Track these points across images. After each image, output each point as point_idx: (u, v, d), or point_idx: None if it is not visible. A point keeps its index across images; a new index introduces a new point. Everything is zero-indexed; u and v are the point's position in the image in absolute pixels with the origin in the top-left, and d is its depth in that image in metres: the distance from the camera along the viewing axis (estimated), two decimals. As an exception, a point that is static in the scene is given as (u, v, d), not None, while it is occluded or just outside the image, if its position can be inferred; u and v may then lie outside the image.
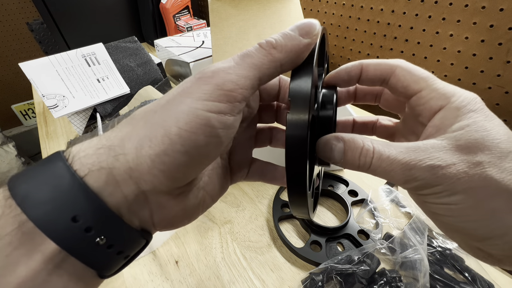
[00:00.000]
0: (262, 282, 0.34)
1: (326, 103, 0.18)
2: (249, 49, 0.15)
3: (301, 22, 0.15)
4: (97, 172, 0.13)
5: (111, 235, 0.13)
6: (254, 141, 0.22)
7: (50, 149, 0.61)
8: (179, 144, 0.13)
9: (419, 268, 0.31)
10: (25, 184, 0.12)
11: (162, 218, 0.15)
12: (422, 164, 0.14)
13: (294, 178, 0.15)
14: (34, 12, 1.43)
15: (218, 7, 0.59)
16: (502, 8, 0.44)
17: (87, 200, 0.12)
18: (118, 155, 0.13)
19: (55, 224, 0.12)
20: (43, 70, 0.54)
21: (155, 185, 0.13)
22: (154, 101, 0.15)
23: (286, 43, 0.15)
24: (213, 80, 0.13)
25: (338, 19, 0.69)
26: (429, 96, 0.16)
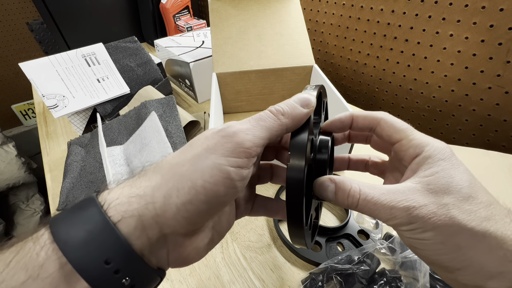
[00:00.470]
0: (262, 282, 0.34)
1: (322, 147, 0.22)
2: (262, 114, 0.18)
3: (302, 96, 0.19)
4: (128, 218, 0.14)
5: (134, 276, 0.15)
6: (256, 178, 0.24)
7: (50, 149, 0.61)
8: (202, 195, 0.15)
9: (419, 268, 0.31)
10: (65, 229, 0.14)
11: (177, 257, 0.17)
12: (400, 205, 0.16)
13: (293, 214, 0.17)
14: (34, 12, 1.43)
15: (218, 7, 0.59)
16: (502, 8, 0.44)
17: (118, 245, 0.14)
18: (148, 204, 0.15)
19: (90, 266, 0.14)
20: (43, 70, 0.54)
21: (176, 229, 0.15)
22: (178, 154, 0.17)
23: (292, 112, 0.18)
24: (234, 139, 0.16)
25: (338, 19, 0.69)
26: (407, 145, 0.19)
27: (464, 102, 0.54)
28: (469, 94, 0.52)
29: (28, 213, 1.14)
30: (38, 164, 1.21)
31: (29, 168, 1.17)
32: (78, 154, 0.52)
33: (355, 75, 0.73)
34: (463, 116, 0.55)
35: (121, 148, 0.51)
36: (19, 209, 1.14)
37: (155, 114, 0.50)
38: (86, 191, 0.46)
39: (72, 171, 0.49)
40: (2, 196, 1.13)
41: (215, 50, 0.56)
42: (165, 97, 0.55)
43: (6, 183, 1.08)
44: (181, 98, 0.75)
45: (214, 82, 0.53)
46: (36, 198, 1.20)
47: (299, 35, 0.57)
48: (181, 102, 0.74)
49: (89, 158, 0.51)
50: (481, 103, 0.51)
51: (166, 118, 0.51)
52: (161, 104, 0.54)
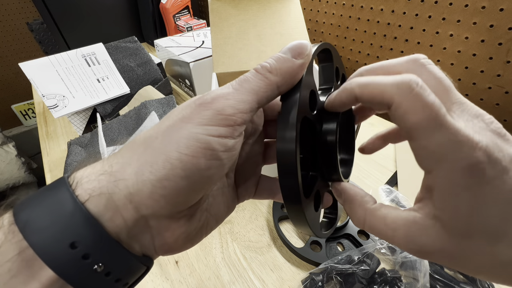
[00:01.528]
0: (262, 282, 0.34)
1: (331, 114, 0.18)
2: (246, 74, 0.15)
3: (292, 44, 0.16)
4: (97, 197, 0.13)
5: (109, 262, 0.13)
6: (262, 158, 0.21)
7: (50, 149, 0.61)
8: (179, 169, 0.13)
9: (419, 268, 0.31)
10: (28, 209, 0.13)
11: (164, 243, 0.15)
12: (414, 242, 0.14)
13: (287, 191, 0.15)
14: (34, 12, 1.43)
15: (218, 7, 0.59)
16: (502, 8, 0.44)
17: (86, 226, 0.12)
18: (118, 181, 0.13)
19: (53, 250, 0.12)
20: (43, 70, 0.54)
21: (155, 209, 0.14)
22: (154, 126, 0.15)
23: (281, 66, 0.15)
24: (213, 105, 0.14)
25: (338, 19, 0.69)
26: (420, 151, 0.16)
27: (464, 102, 0.54)
28: (469, 94, 0.52)
29: (28, 213, 1.14)
30: (38, 164, 1.21)
31: (29, 168, 1.17)
32: (78, 154, 0.52)
33: (355, 75, 0.73)
34: (463, 116, 0.55)
35: (121, 148, 0.51)
36: (19, 209, 1.14)
37: (155, 114, 0.50)
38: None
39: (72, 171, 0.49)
40: (2, 196, 1.13)
41: (215, 50, 0.56)
42: (165, 97, 0.56)
43: (6, 183, 1.08)
44: (181, 98, 0.75)
45: (214, 82, 0.53)
46: (36, 198, 1.20)
47: (299, 35, 0.57)
48: (181, 102, 0.74)
49: (89, 158, 0.51)
50: (481, 103, 0.51)
51: (166, 118, 0.51)
52: (161, 104, 0.54)
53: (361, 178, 0.47)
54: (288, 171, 0.14)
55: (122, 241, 0.14)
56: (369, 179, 0.47)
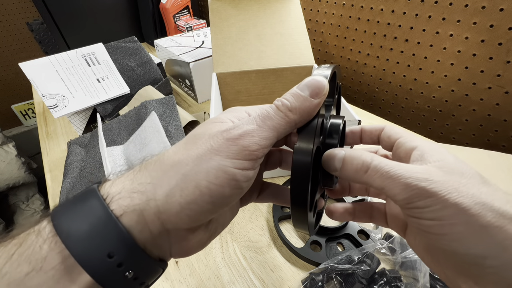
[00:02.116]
0: (262, 282, 0.34)
1: (333, 131, 0.20)
2: (269, 110, 0.17)
3: (310, 81, 0.17)
4: (130, 213, 0.15)
5: (137, 269, 0.15)
6: (264, 164, 0.23)
7: (50, 149, 0.61)
8: (207, 196, 0.15)
9: (419, 268, 0.31)
10: (68, 221, 0.14)
11: (180, 249, 0.17)
12: (418, 176, 0.15)
13: (297, 198, 0.17)
14: (34, 12, 1.43)
15: (218, 7, 0.59)
16: (502, 8, 0.44)
17: (121, 238, 0.14)
18: (149, 200, 0.15)
19: (93, 260, 0.14)
20: (43, 70, 0.54)
21: (179, 225, 0.16)
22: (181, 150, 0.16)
23: (300, 106, 0.17)
24: (240, 142, 0.15)
25: (338, 19, 0.69)
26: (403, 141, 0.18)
27: (464, 102, 0.54)
28: (469, 94, 0.52)
29: (28, 213, 1.14)
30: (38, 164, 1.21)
31: (29, 168, 1.17)
32: (78, 154, 0.52)
33: (355, 75, 0.73)
34: (463, 116, 0.55)
35: (121, 148, 0.51)
36: (19, 209, 1.14)
37: (155, 114, 0.50)
38: (86, 191, 0.46)
39: (72, 171, 0.49)
40: (2, 196, 1.13)
41: (215, 50, 0.56)
42: (165, 97, 0.55)
43: (6, 183, 1.08)
44: (181, 98, 0.75)
45: (214, 82, 0.53)
46: (36, 198, 1.20)
47: (299, 35, 0.57)
48: (181, 102, 0.74)
49: (89, 158, 0.51)
50: (481, 103, 0.51)
51: (166, 118, 0.51)
52: (161, 104, 0.54)
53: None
54: (301, 180, 0.16)
55: (147, 249, 0.15)
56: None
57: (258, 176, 0.23)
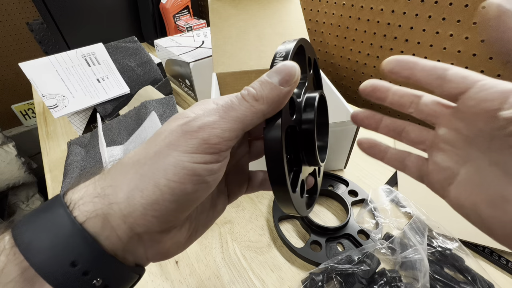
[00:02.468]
0: (262, 282, 0.34)
1: (308, 106, 0.19)
2: (232, 99, 0.15)
3: (281, 67, 0.15)
4: (94, 218, 0.14)
5: (106, 276, 0.14)
6: (248, 156, 0.22)
7: (50, 149, 0.61)
8: (168, 194, 0.14)
9: (419, 268, 0.31)
10: (29, 232, 0.13)
11: (156, 253, 0.16)
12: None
13: (274, 177, 0.16)
14: (34, 12, 1.43)
15: (218, 7, 0.59)
16: (502, 8, 0.44)
17: (85, 245, 0.13)
18: (111, 204, 0.14)
19: (55, 269, 0.13)
20: (43, 70, 0.54)
21: (148, 227, 0.15)
22: (141, 150, 0.16)
23: (268, 95, 0.15)
24: (199, 134, 0.14)
25: (338, 19, 0.69)
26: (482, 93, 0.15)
27: (464, 102, 0.54)
28: (469, 94, 0.52)
29: (28, 213, 1.14)
30: (38, 164, 1.21)
31: (29, 168, 1.17)
32: (78, 154, 0.52)
33: (355, 75, 0.73)
34: (463, 116, 0.55)
35: (121, 148, 0.51)
36: (19, 209, 1.14)
37: (155, 114, 0.50)
38: (86, 191, 0.46)
39: (72, 171, 0.49)
40: (2, 196, 1.13)
41: (215, 50, 0.56)
42: (165, 97, 0.55)
43: (6, 183, 1.08)
44: (181, 98, 0.75)
45: (214, 82, 0.53)
46: (36, 198, 1.20)
47: (299, 35, 0.57)
48: (181, 102, 0.73)
49: (89, 158, 0.51)
50: (481, 103, 0.51)
51: (166, 118, 0.51)
52: (161, 104, 0.54)
53: (361, 178, 0.47)
54: (274, 156, 0.15)
55: (118, 255, 0.15)
56: (369, 179, 0.47)
57: (243, 168, 0.22)
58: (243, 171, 0.22)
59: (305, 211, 0.21)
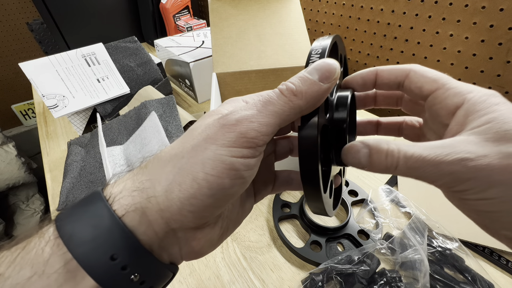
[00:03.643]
0: (262, 282, 0.34)
1: (340, 105, 0.19)
2: (270, 94, 0.15)
3: (321, 64, 0.15)
4: (132, 212, 0.14)
5: (144, 272, 0.14)
6: (274, 155, 0.22)
7: (50, 149, 0.61)
8: (206, 188, 0.14)
9: (419, 268, 0.31)
10: (70, 224, 0.14)
11: (190, 251, 0.16)
12: (449, 158, 0.13)
13: (307, 176, 0.16)
14: (34, 12, 1.43)
15: (218, 7, 0.59)
16: (502, 8, 0.44)
17: (124, 239, 0.14)
18: (150, 198, 0.14)
19: (95, 262, 0.13)
20: (43, 70, 0.54)
21: (184, 223, 0.15)
22: (178, 143, 0.16)
23: (307, 90, 0.15)
24: (237, 128, 0.14)
25: (338, 19, 0.69)
26: (444, 95, 0.16)
27: (464, 102, 0.54)
28: (469, 94, 0.52)
29: (28, 213, 1.14)
30: (38, 164, 1.21)
31: (29, 168, 1.17)
32: (78, 154, 0.52)
33: (355, 75, 0.73)
34: (463, 116, 0.55)
35: (121, 148, 0.51)
36: (19, 209, 1.14)
37: (155, 114, 0.50)
38: (86, 191, 0.46)
39: (72, 171, 0.49)
40: (2, 196, 1.13)
41: (215, 50, 0.56)
42: (165, 97, 0.55)
43: (6, 183, 1.08)
44: (181, 98, 0.75)
45: (214, 82, 0.53)
46: (36, 198, 1.20)
47: (299, 35, 0.57)
48: (181, 102, 0.73)
49: (89, 158, 0.51)
50: (481, 103, 0.51)
51: (166, 118, 0.51)
52: (161, 104, 0.54)
53: (361, 178, 0.47)
54: (309, 156, 0.15)
55: (154, 251, 0.15)
56: (369, 179, 0.47)
57: (270, 167, 0.21)
58: (269, 170, 0.21)
59: (332, 212, 0.20)
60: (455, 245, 0.34)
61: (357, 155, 0.16)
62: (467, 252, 0.33)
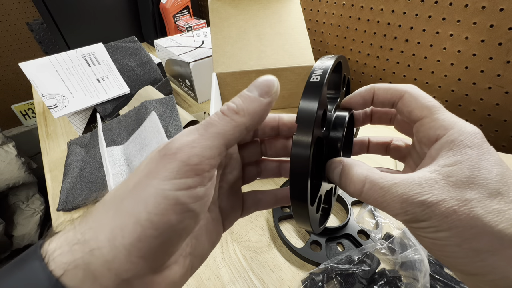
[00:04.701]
0: (262, 282, 0.34)
1: (338, 125, 0.19)
2: (212, 116, 0.15)
3: (259, 81, 0.16)
4: (73, 270, 0.12)
5: None
6: (242, 180, 0.21)
7: (50, 149, 0.61)
8: (151, 229, 0.13)
9: (419, 268, 0.31)
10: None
11: None
12: (414, 199, 0.14)
13: (296, 193, 0.16)
14: (34, 12, 1.43)
15: (218, 7, 0.59)
16: (502, 8, 0.44)
17: None
18: (93, 250, 0.12)
19: None
20: (43, 70, 0.54)
21: (136, 271, 0.13)
22: (122, 183, 0.14)
23: (248, 107, 0.15)
24: (178, 156, 0.13)
25: (338, 19, 0.69)
26: (429, 124, 0.16)
27: (464, 102, 0.54)
28: (469, 94, 0.52)
29: (28, 213, 1.14)
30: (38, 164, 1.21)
31: (29, 168, 1.17)
32: (78, 154, 0.52)
33: (355, 75, 0.73)
34: (463, 116, 0.55)
35: (121, 148, 0.51)
36: (19, 209, 1.14)
37: (155, 114, 0.50)
38: (86, 191, 0.46)
39: (72, 171, 0.49)
40: (2, 196, 1.13)
41: (215, 50, 0.56)
42: (165, 97, 0.55)
43: (6, 183, 1.08)
44: (181, 98, 0.75)
45: (214, 82, 0.53)
46: (36, 198, 1.20)
47: (299, 35, 0.57)
48: (181, 102, 0.74)
49: (89, 158, 0.51)
50: (481, 103, 0.51)
51: (166, 118, 0.51)
52: (161, 104, 0.54)
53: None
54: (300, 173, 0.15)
55: None
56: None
57: (237, 192, 0.21)
58: (237, 195, 0.21)
59: (318, 228, 0.20)
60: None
61: (333, 171, 0.17)
62: (467, 252, 0.33)
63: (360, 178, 0.16)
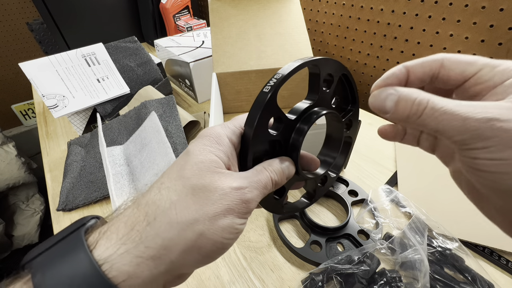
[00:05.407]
0: (262, 282, 0.34)
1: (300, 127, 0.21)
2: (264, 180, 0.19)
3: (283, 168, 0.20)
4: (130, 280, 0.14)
5: None
6: None
7: (50, 149, 0.61)
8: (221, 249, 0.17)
9: (419, 268, 0.31)
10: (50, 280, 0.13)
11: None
12: (478, 116, 0.13)
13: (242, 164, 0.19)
14: (34, 12, 1.42)
15: (218, 7, 0.59)
16: (502, 8, 0.44)
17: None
18: (168, 271, 0.15)
19: None
20: (43, 70, 0.54)
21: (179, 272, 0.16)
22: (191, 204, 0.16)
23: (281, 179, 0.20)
24: (249, 206, 0.18)
25: (338, 19, 0.69)
26: (490, 73, 0.16)
27: (464, 102, 0.54)
28: (469, 94, 0.52)
29: (28, 213, 1.14)
30: (38, 164, 1.21)
31: (29, 168, 1.17)
32: (78, 154, 0.52)
33: (355, 75, 0.73)
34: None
35: (121, 148, 0.51)
36: (19, 209, 1.14)
37: (155, 114, 0.50)
38: (86, 191, 0.46)
39: (72, 171, 0.49)
40: (2, 196, 1.13)
41: (215, 50, 0.56)
42: (165, 97, 0.56)
43: (6, 183, 1.08)
44: (181, 98, 0.75)
45: (214, 82, 0.53)
46: (36, 198, 1.20)
47: (299, 35, 0.57)
48: (181, 102, 0.74)
49: (89, 158, 0.51)
50: (481, 103, 0.51)
51: (166, 118, 0.51)
52: (161, 104, 0.54)
53: (361, 178, 0.47)
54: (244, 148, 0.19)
55: None
56: (369, 179, 0.47)
57: None
58: None
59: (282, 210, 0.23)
60: (455, 245, 0.34)
61: (384, 99, 0.17)
62: (467, 252, 0.33)
63: (421, 103, 0.15)
